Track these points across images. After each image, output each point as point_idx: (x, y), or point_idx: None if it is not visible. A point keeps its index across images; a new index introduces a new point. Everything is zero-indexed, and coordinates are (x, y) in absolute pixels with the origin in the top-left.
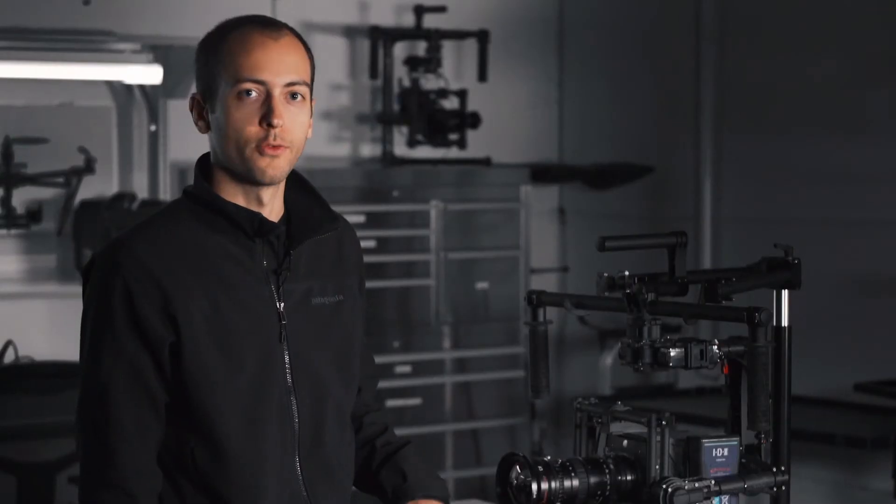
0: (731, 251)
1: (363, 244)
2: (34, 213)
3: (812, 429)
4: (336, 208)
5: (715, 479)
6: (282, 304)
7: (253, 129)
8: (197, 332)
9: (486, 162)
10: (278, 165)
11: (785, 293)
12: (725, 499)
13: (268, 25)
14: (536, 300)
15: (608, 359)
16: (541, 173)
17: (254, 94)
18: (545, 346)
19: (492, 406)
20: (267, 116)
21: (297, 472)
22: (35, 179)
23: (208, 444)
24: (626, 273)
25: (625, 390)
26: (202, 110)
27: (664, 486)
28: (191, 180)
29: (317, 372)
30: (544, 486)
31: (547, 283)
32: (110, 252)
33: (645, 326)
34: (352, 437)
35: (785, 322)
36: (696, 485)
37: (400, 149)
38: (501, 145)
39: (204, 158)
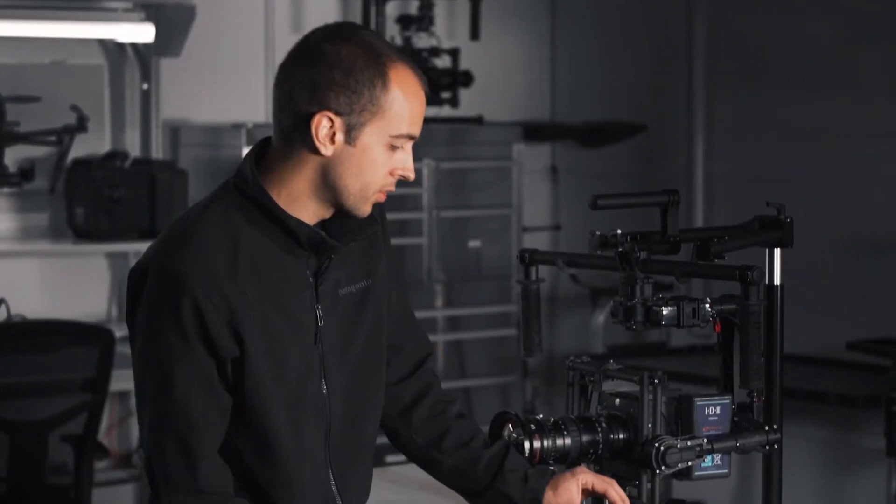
0: (724, 210)
1: None
2: (26, 172)
3: (804, 387)
4: None
5: (707, 437)
6: (319, 307)
7: (389, 178)
8: (255, 345)
9: (478, 120)
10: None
11: (777, 251)
12: (718, 457)
13: (416, 68)
14: (529, 258)
15: (600, 317)
16: (533, 132)
17: (404, 146)
18: (537, 305)
19: (484, 364)
20: (405, 170)
21: (328, 461)
22: (27, 138)
23: (257, 445)
24: (619, 231)
25: (617, 349)
26: (334, 135)
27: (656, 445)
28: (184, 139)
29: (347, 364)
30: (536, 444)
31: (539, 241)
32: (172, 263)
33: (637, 285)
34: (379, 412)
35: (777, 280)
36: (689, 443)
37: None
38: (494, 104)
39: (252, 152)
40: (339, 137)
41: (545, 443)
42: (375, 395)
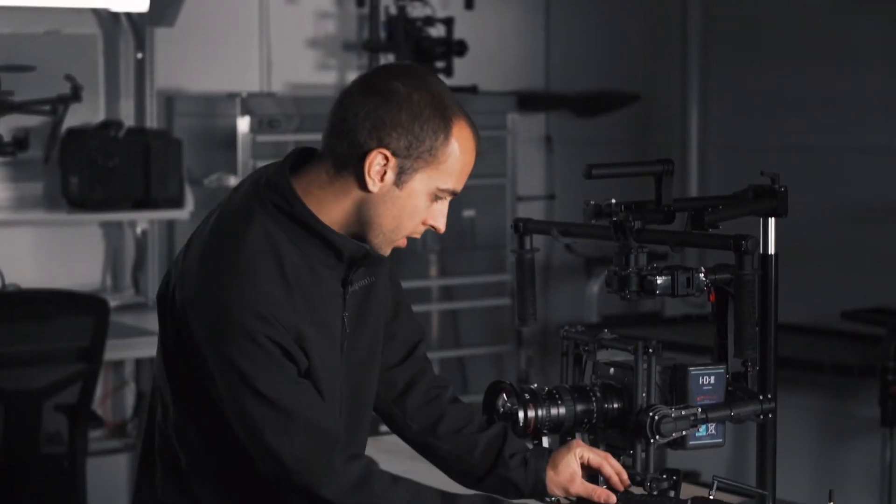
0: (718, 179)
1: None
2: (21, 141)
3: (799, 356)
4: (321, 136)
5: (701, 406)
6: (346, 315)
7: (420, 227)
8: (309, 356)
9: (472, 90)
10: None
11: (771, 221)
12: (712, 426)
13: (475, 127)
14: (523, 228)
15: (595, 286)
16: (527, 101)
17: (445, 199)
18: (532, 274)
19: (478, 334)
20: (437, 223)
21: None
22: (22, 107)
23: None
24: (613, 201)
25: (611, 318)
26: (385, 174)
27: (651, 414)
28: (179, 109)
29: (353, 357)
30: (531, 413)
31: (533, 210)
32: (231, 297)
33: (631, 254)
34: (373, 398)
35: (771, 250)
36: (683, 412)
37: None
38: (488, 73)
39: (286, 166)
40: (389, 177)
41: (539, 412)
42: (373, 382)
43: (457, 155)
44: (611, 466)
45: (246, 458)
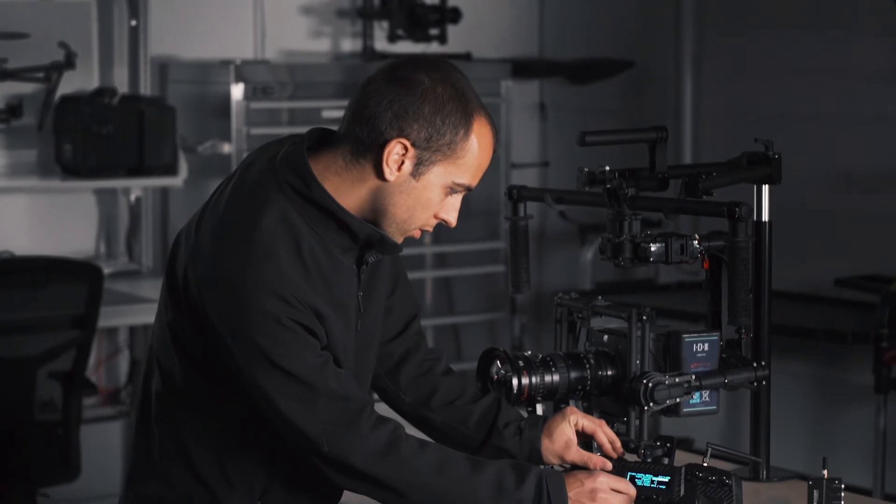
0: (712, 146)
1: None
2: (15, 108)
3: (792, 324)
4: (316, 104)
5: (695, 373)
6: (361, 294)
7: (432, 220)
8: (327, 334)
9: (466, 57)
10: None
11: (765, 188)
12: (706, 394)
13: (495, 125)
14: (517, 195)
15: (588, 254)
16: (521, 68)
17: (459, 194)
18: (526, 241)
19: (472, 301)
20: (449, 217)
21: None
22: (15, 74)
23: None
24: (607, 168)
25: (605, 285)
26: (402, 164)
27: (645, 381)
28: (173, 76)
29: (361, 332)
30: (525, 381)
31: (527, 178)
32: (252, 277)
33: (625, 221)
34: (372, 370)
35: (765, 217)
36: (677, 380)
37: (380, 44)
38: (482, 40)
39: (304, 146)
40: (407, 167)
41: (533, 379)
42: (374, 356)
43: (475, 151)
44: (605, 434)
45: (253, 426)
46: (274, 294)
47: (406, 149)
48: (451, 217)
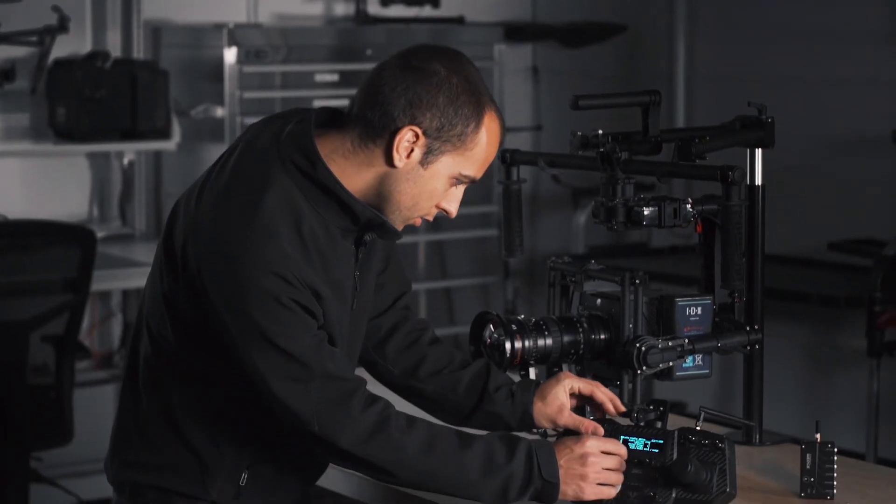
0: (705, 110)
1: (336, 103)
2: (8, 72)
3: (786, 287)
4: (309, 67)
5: (688, 337)
6: (357, 274)
7: (434, 210)
8: (324, 314)
9: (459, 20)
10: None
11: (758, 152)
12: (699, 357)
13: (503, 119)
14: (510, 159)
15: (582, 217)
16: (514, 32)
17: (462, 185)
18: (519, 205)
19: (465, 265)
20: (450, 207)
21: None
22: (8, 38)
23: None
24: (600, 132)
25: (598, 249)
26: (412, 151)
27: (638, 345)
28: (166, 40)
29: (357, 315)
30: (518, 344)
31: (521, 141)
32: (265, 259)
33: (618, 185)
34: (360, 345)
35: (758, 180)
36: (670, 343)
37: (373, 7)
38: (475, 3)
39: (311, 126)
40: (416, 155)
41: (526, 343)
42: (363, 331)
43: (483, 144)
44: (602, 393)
45: (245, 398)
46: (274, 273)
47: (417, 136)
48: (453, 208)
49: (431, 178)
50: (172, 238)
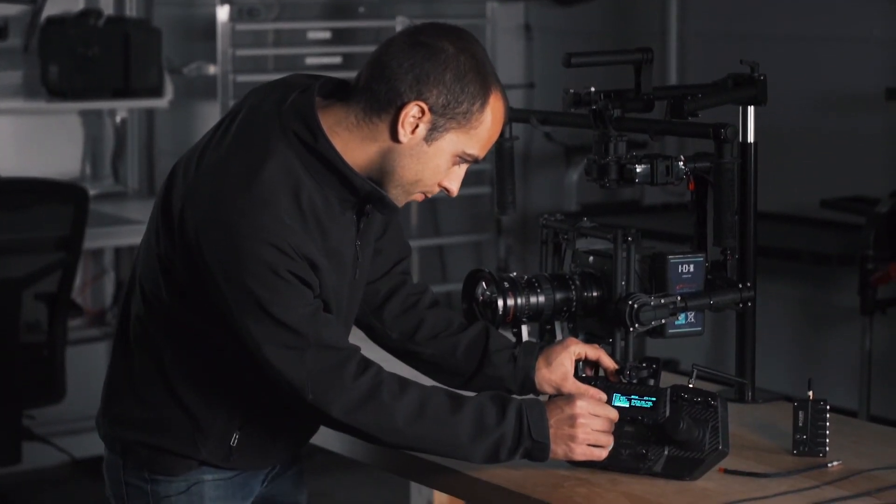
0: (698, 67)
1: (328, 61)
2: (0, 30)
3: (778, 245)
4: (301, 25)
5: (681, 295)
6: (359, 243)
7: (435, 187)
8: (321, 288)
9: None
10: None
11: (751, 109)
12: (691, 315)
13: (507, 100)
14: None
15: (574, 175)
16: None
17: (465, 164)
18: (511, 163)
19: (458, 222)
20: (451, 185)
21: None
22: None
23: None
24: (593, 89)
25: (590, 206)
26: (417, 127)
27: (630, 302)
28: None
29: (357, 282)
30: (510, 302)
31: (513, 99)
32: (263, 230)
33: (611, 142)
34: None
35: (751, 138)
36: (662, 301)
37: None
38: None
39: (313, 96)
40: (420, 131)
41: (518, 301)
42: (360, 296)
43: (488, 124)
44: (610, 359)
45: (238, 361)
46: (271, 244)
47: (423, 112)
48: (454, 186)
49: (435, 154)
50: (170, 200)
